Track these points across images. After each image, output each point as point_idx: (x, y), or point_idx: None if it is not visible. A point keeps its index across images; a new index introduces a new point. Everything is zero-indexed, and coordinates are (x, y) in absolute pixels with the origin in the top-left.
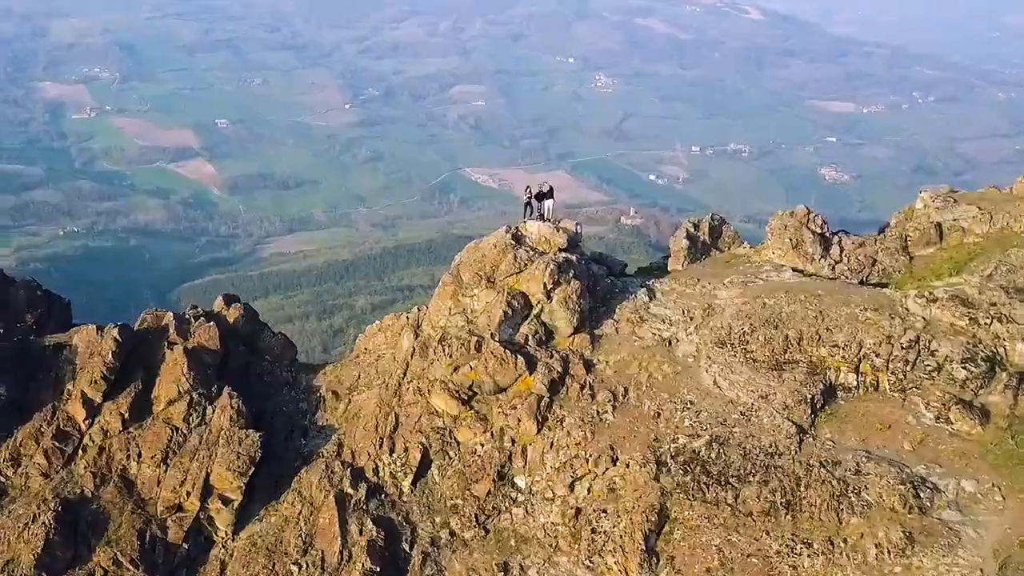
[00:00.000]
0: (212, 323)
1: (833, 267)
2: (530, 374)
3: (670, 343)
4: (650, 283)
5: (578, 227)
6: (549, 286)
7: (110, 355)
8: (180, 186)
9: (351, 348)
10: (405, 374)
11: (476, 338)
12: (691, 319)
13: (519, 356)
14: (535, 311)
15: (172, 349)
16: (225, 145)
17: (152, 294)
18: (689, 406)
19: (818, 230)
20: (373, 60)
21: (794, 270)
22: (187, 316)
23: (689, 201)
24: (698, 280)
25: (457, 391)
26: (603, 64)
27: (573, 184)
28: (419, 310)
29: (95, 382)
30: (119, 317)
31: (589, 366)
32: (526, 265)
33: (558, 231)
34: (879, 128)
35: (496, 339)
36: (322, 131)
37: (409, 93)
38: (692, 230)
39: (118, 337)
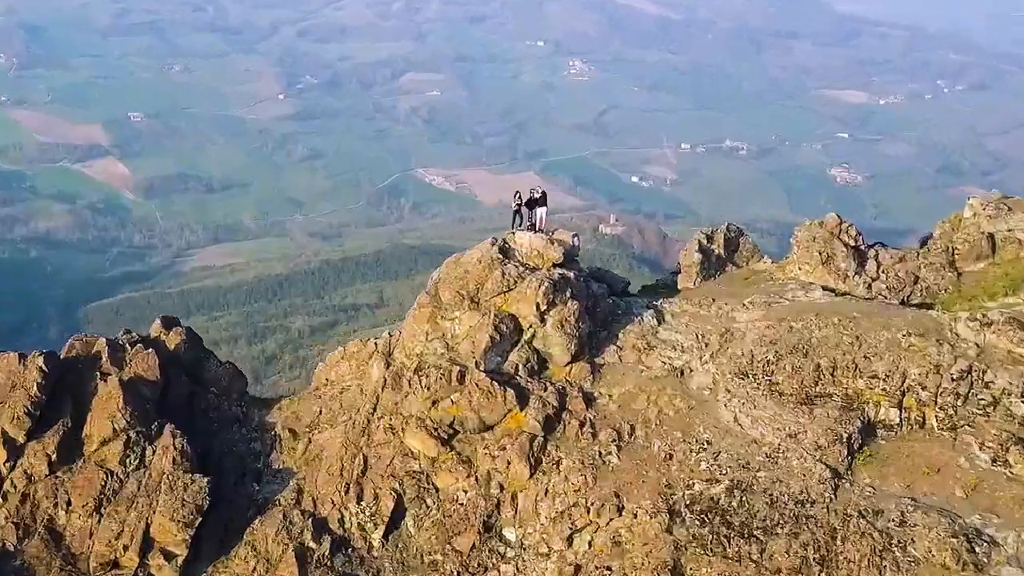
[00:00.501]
0: (151, 350)
1: (869, 285)
2: (521, 409)
3: (682, 373)
4: (658, 304)
5: (575, 239)
6: (543, 307)
7: (35, 387)
8: (88, 189)
9: (310, 378)
10: (375, 409)
11: (458, 368)
12: (706, 345)
13: (508, 388)
14: (526, 336)
15: (106, 380)
16: (140, 142)
17: (57, 313)
18: (706, 447)
19: (852, 242)
20: (315, 44)
21: (824, 289)
22: (121, 342)
23: (678, 206)
24: (713, 300)
25: (436, 429)
26: (578, 49)
27: (544, 187)
28: (390, 335)
29: (18, 418)
30: (18, 340)
31: (589, 400)
32: (516, 283)
33: (552, 243)
34: (897, 121)
35: (482, 368)
36: (253, 125)
37: (357, 81)
38: (705, 242)
39: (44, 366)
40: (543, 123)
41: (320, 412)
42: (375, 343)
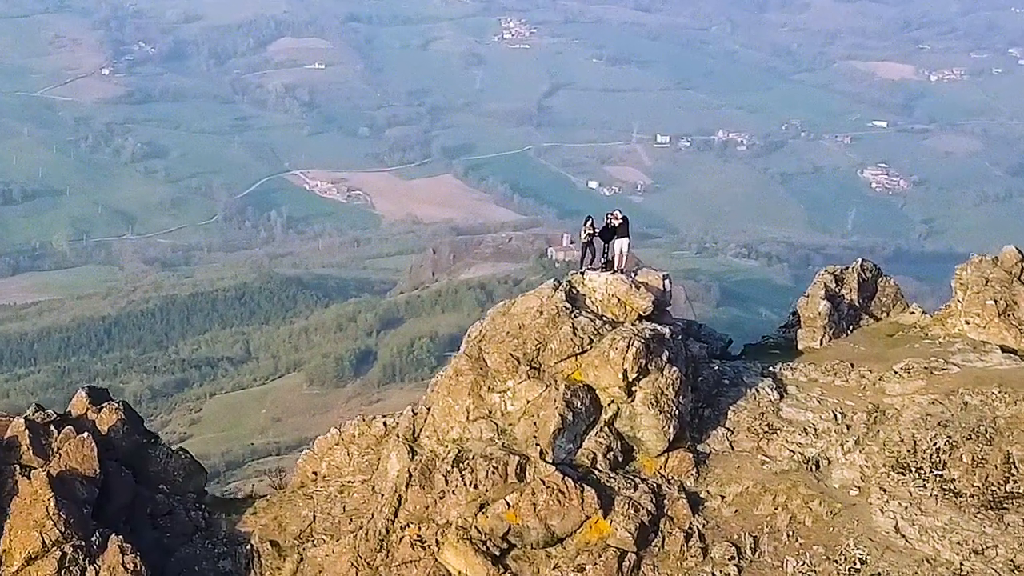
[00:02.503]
0: (87, 435)
1: None
2: (604, 515)
3: (818, 465)
4: (776, 370)
5: (667, 282)
6: (632, 375)
7: None
8: None
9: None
10: (396, 515)
11: (517, 458)
12: (848, 428)
13: (586, 487)
14: (607, 415)
15: (29, 476)
16: None
17: None
18: (859, 567)
19: None
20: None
21: (1004, 349)
22: (36, 421)
23: (654, 221)
24: (852, 366)
25: (485, 542)
26: (515, 5)
27: (469, 196)
28: (414, 412)
29: None
30: None
31: (695, 503)
32: (592, 342)
33: (637, 288)
34: (955, 105)
35: (548, 459)
36: (68, 112)
37: (209, 51)
38: (833, 286)
39: None
40: (467, 108)
41: (314, 518)
42: (384, 423)
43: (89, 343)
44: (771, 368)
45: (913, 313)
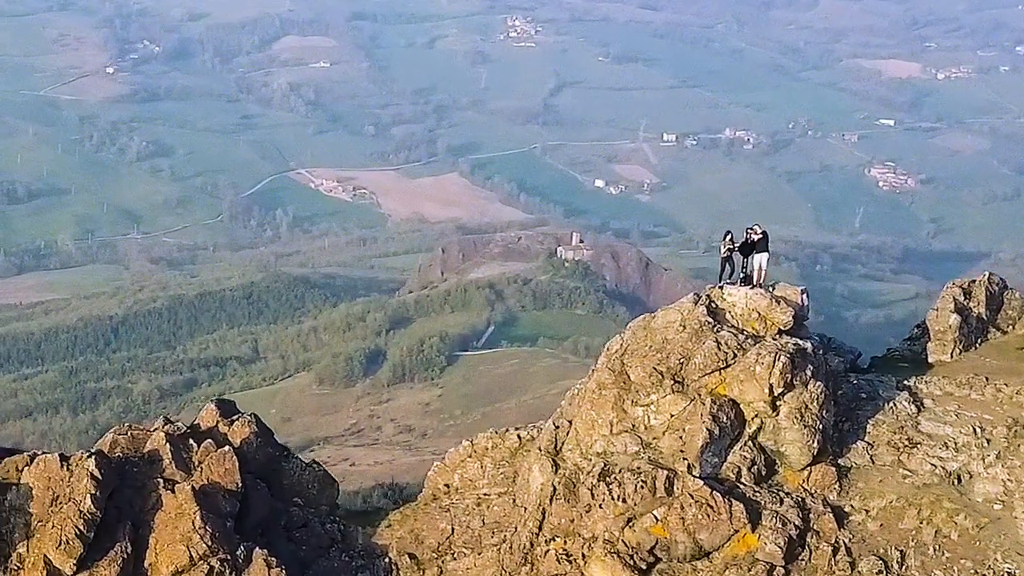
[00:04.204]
0: (228, 449)
1: None
2: (752, 529)
3: (960, 479)
4: (911, 384)
5: (804, 296)
6: (778, 390)
7: (88, 500)
8: None
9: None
10: (540, 528)
11: (665, 472)
12: (988, 442)
13: (734, 501)
14: (751, 430)
15: (173, 490)
16: None
17: None
18: None
19: None
20: None
21: None
22: (174, 435)
23: (661, 220)
24: (987, 379)
25: (632, 555)
26: (521, 3)
27: (474, 194)
28: (555, 426)
29: (67, 543)
30: None
31: (840, 517)
32: (735, 356)
33: (777, 302)
34: (962, 103)
35: (695, 473)
36: (72, 110)
37: (214, 49)
38: (962, 299)
39: (98, 472)
40: (472, 106)
41: (452, 531)
42: (519, 436)
43: (96, 343)
44: (906, 382)
45: None
